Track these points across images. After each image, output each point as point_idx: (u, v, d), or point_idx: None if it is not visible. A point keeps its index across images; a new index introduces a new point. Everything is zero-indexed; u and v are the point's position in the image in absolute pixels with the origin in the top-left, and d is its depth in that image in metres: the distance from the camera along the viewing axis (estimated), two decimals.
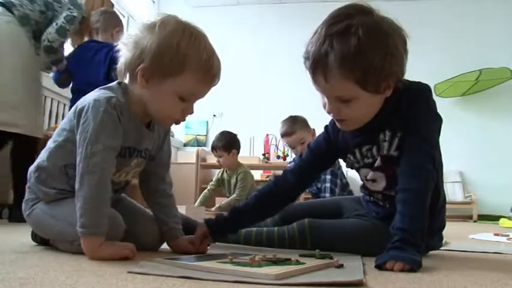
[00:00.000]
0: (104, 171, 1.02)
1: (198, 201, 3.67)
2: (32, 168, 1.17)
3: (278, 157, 5.04)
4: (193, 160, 5.19)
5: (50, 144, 1.16)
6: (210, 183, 3.76)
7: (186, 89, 1.08)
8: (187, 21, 1.11)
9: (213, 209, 3.41)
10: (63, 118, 3.82)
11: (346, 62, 0.98)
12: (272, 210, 1.35)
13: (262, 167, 5.23)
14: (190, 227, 1.37)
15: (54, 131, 3.49)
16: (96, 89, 1.13)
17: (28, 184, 1.18)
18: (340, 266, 0.93)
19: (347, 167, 1.30)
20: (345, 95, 1.05)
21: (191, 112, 1.14)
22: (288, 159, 5.00)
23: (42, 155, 1.17)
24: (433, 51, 5.52)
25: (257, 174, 5.36)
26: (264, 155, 5.05)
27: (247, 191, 3.46)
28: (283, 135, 2.69)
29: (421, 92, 1.13)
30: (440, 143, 1.17)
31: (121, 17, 4.03)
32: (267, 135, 5.11)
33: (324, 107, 1.10)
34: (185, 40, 1.05)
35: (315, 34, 1.04)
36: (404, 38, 1.05)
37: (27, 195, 1.18)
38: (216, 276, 0.77)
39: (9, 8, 2.22)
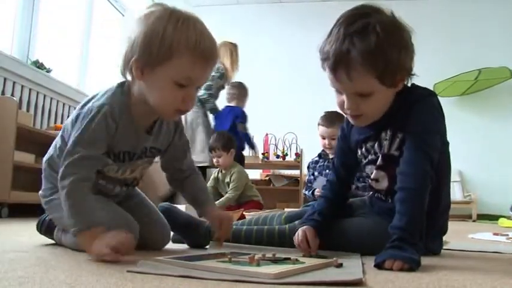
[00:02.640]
0: (76, 176, 1.02)
1: None
2: (44, 159, 1.22)
3: (277, 156, 5.02)
4: None
5: (57, 138, 1.20)
6: (208, 183, 3.75)
7: (180, 74, 1.06)
8: (175, 8, 1.09)
9: None
10: (62, 118, 3.82)
11: (368, 58, 1.03)
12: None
13: (261, 166, 5.23)
14: (193, 226, 1.37)
15: (54, 130, 3.50)
16: (99, 93, 1.14)
17: (44, 174, 1.22)
18: (340, 265, 0.93)
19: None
20: (365, 90, 1.09)
21: (193, 99, 1.11)
22: (288, 158, 4.98)
23: (51, 149, 1.21)
24: (432, 51, 5.52)
25: (256, 174, 5.36)
26: (263, 154, 5.03)
27: (240, 190, 3.46)
28: (322, 124, 2.77)
29: (425, 95, 1.16)
30: None
31: (119, 16, 4.04)
32: (266, 134, 5.09)
33: (341, 106, 1.14)
34: (171, 25, 1.04)
35: (330, 35, 1.08)
36: (411, 34, 1.11)
37: (44, 185, 1.22)
38: (216, 276, 0.77)
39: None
